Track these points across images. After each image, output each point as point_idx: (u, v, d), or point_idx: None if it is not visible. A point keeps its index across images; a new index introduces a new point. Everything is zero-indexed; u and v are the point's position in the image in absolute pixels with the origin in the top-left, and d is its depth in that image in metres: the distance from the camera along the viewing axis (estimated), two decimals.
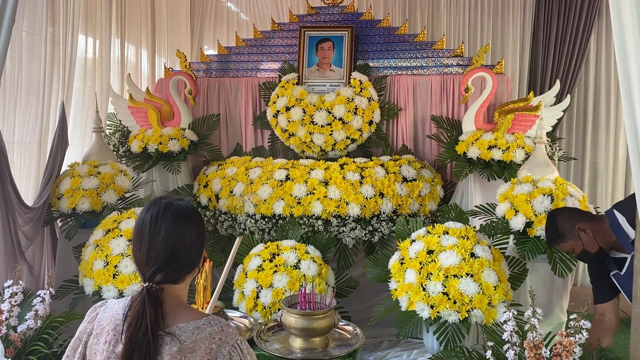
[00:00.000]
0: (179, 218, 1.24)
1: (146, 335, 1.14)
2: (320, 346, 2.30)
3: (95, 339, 1.22)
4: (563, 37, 4.77)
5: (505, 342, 2.04)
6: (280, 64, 4.07)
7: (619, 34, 1.69)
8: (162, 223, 1.22)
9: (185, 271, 1.26)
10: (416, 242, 2.65)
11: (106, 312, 1.25)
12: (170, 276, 1.22)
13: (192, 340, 1.15)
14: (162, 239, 1.21)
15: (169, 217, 1.23)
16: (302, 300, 2.34)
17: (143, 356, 1.13)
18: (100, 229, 2.92)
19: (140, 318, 1.16)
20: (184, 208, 1.27)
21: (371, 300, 3.16)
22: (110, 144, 3.86)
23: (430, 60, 3.90)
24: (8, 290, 2.32)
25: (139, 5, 4.76)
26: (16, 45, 3.13)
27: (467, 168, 3.39)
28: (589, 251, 2.34)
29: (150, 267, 1.20)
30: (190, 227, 1.26)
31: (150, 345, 1.14)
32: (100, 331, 1.22)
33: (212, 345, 1.16)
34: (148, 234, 1.21)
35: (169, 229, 1.22)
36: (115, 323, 1.20)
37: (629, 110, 1.69)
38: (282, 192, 3.31)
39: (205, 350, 1.15)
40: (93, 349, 1.22)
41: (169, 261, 1.21)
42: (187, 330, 1.17)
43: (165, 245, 1.21)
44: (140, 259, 1.22)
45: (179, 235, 1.23)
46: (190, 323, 1.18)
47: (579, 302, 2.59)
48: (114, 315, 1.22)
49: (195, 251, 1.27)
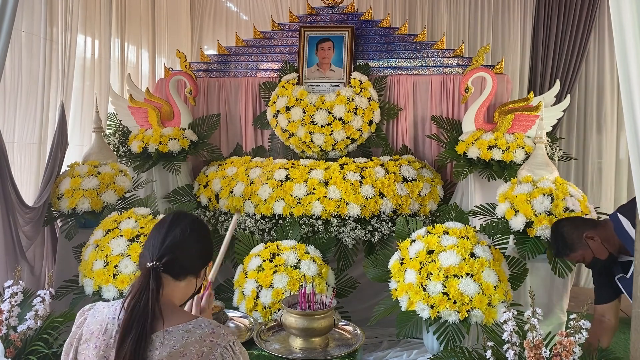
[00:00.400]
0: (202, 225, 1.37)
1: (147, 306, 1.16)
2: (320, 346, 2.30)
3: (85, 344, 1.21)
4: (563, 37, 4.78)
5: (505, 342, 2.04)
6: (280, 64, 4.07)
7: (619, 34, 1.69)
8: (185, 220, 1.33)
9: (187, 270, 1.29)
10: (416, 242, 2.65)
11: (95, 316, 1.24)
12: (176, 264, 1.26)
13: (183, 344, 1.14)
14: (181, 231, 1.29)
15: (192, 219, 1.35)
16: (302, 300, 2.34)
17: (142, 327, 1.14)
18: (100, 229, 2.92)
19: (143, 290, 1.19)
20: (205, 223, 1.41)
21: (371, 300, 3.16)
22: (110, 144, 3.86)
23: (430, 60, 3.90)
24: (8, 290, 2.32)
25: (139, 5, 4.76)
26: (15, 46, 3.13)
27: (467, 168, 3.39)
28: (599, 258, 2.33)
29: (163, 248, 1.25)
30: (207, 237, 1.38)
31: (148, 317, 1.15)
32: (90, 336, 1.21)
33: (204, 348, 1.14)
34: (168, 224, 1.30)
35: (190, 226, 1.31)
36: (105, 327, 1.20)
37: (629, 110, 1.69)
38: (282, 192, 3.31)
39: (197, 353, 1.13)
40: (83, 354, 1.21)
41: (180, 249, 1.27)
42: (176, 334, 1.16)
43: (183, 236, 1.28)
44: (154, 241, 1.28)
45: (197, 233, 1.33)
46: (180, 326, 1.17)
47: (579, 302, 2.59)
48: (103, 319, 1.22)
49: (204, 257, 1.36)
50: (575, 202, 2.81)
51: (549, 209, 2.76)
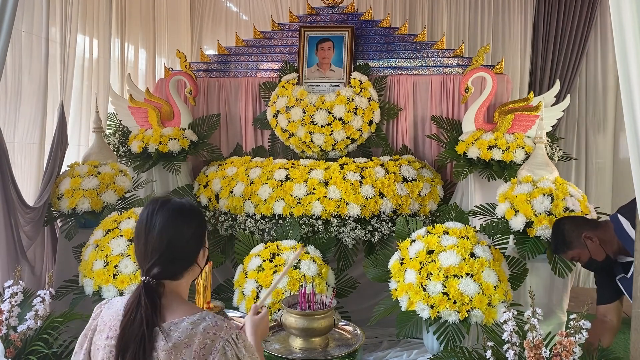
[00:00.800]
0: (175, 214, 1.27)
1: (141, 327, 1.16)
2: (320, 346, 2.30)
3: (98, 335, 1.26)
4: (563, 37, 4.78)
5: (505, 342, 2.04)
6: (280, 64, 4.07)
7: (619, 34, 1.69)
8: (157, 218, 1.25)
9: (182, 267, 1.28)
10: (416, 242, 2.65)
11: (110, 309, 1.28)
12: (167, 270, 1.24)
13: (187, 336, 1.17)
14: (158, 233, 1.24)
15: (165, 212, 1.26)
16: (302, 300, 2.34)
17: (137, 349, 1.15)
18: (100, 229, 2.92)
19: (135, 311, 1.18)
20: (181, 204, 1.30)
21: (371, 300, 3.16)
22: (110, 144, 3.86)
23: (430, 60, 3.90)
24: (8, 290, 2.32)
25: (139, 5, 4.76)
26: (16, 46, 3.13)
27: (467, 168, 3.39)
28: (595, 259, 2.33)
29: (148, 261, 1.23)
30: (187, 223, 1.28)
31: (144, 339, 1.16)
32: (103, 327, 1.25)
33: (207, 340, 1.17)
34: (144, 229, 1.25)
35: (164, 224, 1.24)
36: (117, 319, 1.23)
37: (629, 110, 1.69)
38: (282, 192, 3.31)
39: (200, 345, 1.16)
40: (96, 345, 1.25)
41: (165, 255, 1.23)
42: (181, 326, 1.19)
43: (161, 240, 1.23)
44: (139, 254, 1.26)
45: (174, 230, 1.25)
46: (185, 319, 1.20)
47: (579, 302, 2.59)
48: (116, 311, 1.25)
49: (192, 247, 1.29)
50: (575, 202, 2.81)
51: (549, 209, 2.77)
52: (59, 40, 3.39)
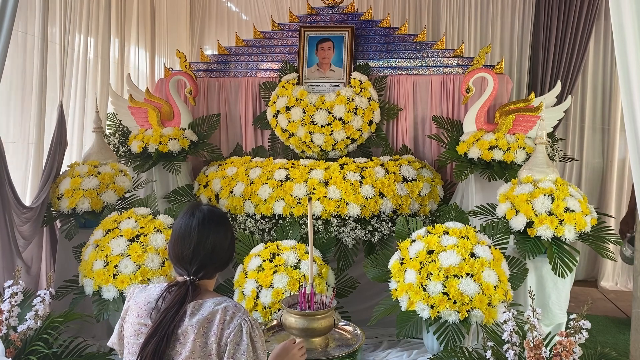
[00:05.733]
0: (221, 223, 1.46)
1: (175, 317, 1.33)
2: (320, 346, 2.30)
3: (130, 314, 1.42)
4: (563, 38, 4.77)
5: (505, 342, 2.05)
6: (280, 64, 4.07)
7: (619, 34, 1.69)
8: (209, 226, 1.43)
9: (220, 269, 1.48)
10: (416, 242, 2.65)
11: (144, 292, 1.44)
12: (209, 273, 1.44)
13: (210, 312, 1.34)
14: (210, 241, 1.42)
15: (214, 222, 1.45)
16: (302, 301, 2.33)
17: (164, 333, 1.31)
18: (100, 229, 2.91)
19: (178, 308, 1.33)
20: (222, 214, 1.50)
21: (371, 300, 3.15)
22: (110, 144, 3.86)
23: (430, 60, 3.90)
24: (8, 291, 2.32)
25: (139, 5, 4.76)
26: (11, 46, 3.11)
27: (468, 168, 3.38)
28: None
29: (195, 264, 1.41)
30: (228, 231, 1.48)
31: (172, 324, 1.32)
32: (135, 307, 1.42)
33: (226, 316, 1.34)
34: (197, 236, 1.41)
35: (214, 233, 1.43)
36: (149, 301, 1.40)
37: (629, 110, 1.69)
38: (282, 192, 3.31)
39: (220, 320, 1.33)
40: (128, 322, 1.42)
41: (212, 260, 1.43)
42: (206, 305, 1.36)
43: (212, 247, 1.42)
44: (183, 256, 1.42)
45: (220, 238, 1.44)
46: (209, 299, 1.38)
47: (579, 302, 2.59)
48: (149, 295, 1.41)
49: (230, 252, 1.49)
50: (576, 202, 2.81)
51: (550, 209, 2.76)
52: (58, 40, 3.39)
